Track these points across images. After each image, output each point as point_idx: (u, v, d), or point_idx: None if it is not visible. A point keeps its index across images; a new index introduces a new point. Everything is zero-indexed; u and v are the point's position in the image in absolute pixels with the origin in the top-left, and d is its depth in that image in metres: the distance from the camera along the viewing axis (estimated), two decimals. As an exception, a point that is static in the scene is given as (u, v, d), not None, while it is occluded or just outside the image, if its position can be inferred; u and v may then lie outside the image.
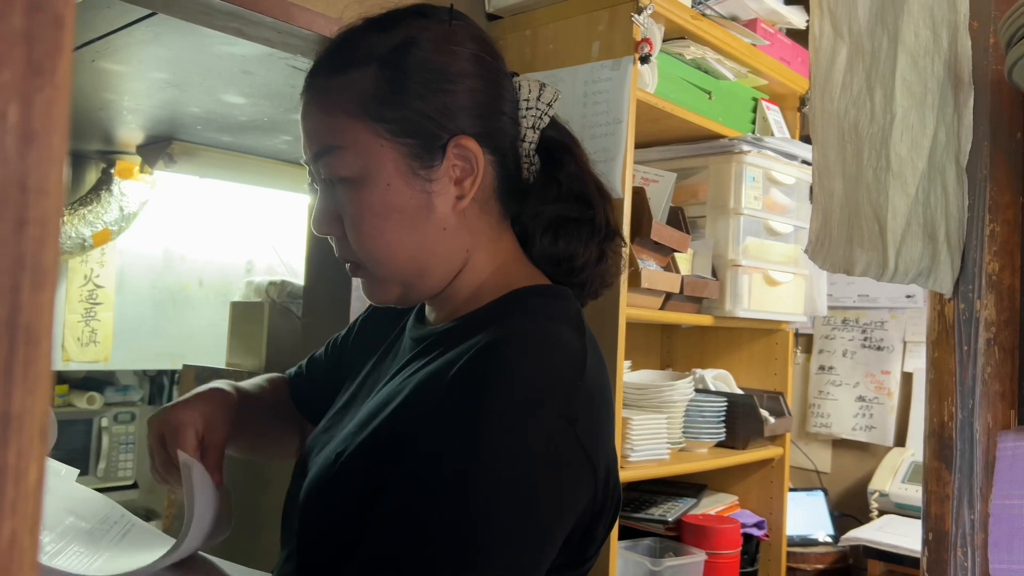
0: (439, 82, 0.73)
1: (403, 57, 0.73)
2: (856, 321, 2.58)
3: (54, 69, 0.25)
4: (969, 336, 1.10)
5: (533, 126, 0.78)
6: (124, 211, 2.99)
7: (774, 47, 2.02)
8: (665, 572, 1.75)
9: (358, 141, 0.72)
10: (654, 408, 1.82)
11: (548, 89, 0.80)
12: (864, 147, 0.95)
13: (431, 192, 0.73)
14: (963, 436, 1.11)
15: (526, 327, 0.69)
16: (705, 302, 1.92)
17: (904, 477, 2.30)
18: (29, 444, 0.25)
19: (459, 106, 0.74)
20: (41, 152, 0.25)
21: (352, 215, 0.74)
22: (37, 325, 0.25)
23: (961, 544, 1.09)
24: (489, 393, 0.63)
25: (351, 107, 0.73)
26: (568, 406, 0.65)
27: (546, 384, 0.65)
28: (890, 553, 2.05)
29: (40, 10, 0.25)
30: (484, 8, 1.87)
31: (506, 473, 0.61)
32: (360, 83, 0.73)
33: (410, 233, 0.73)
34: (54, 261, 0.25)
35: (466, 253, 0.77)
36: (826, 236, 0.97)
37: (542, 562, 0.65)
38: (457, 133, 0.73)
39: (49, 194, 0.25)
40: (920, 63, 1.03)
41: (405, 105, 0.72)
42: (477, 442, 0.61)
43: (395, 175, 0.72)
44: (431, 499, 0.61)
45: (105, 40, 1.73)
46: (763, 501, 2.15)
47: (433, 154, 0.73)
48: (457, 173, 0.74)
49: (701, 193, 1.97)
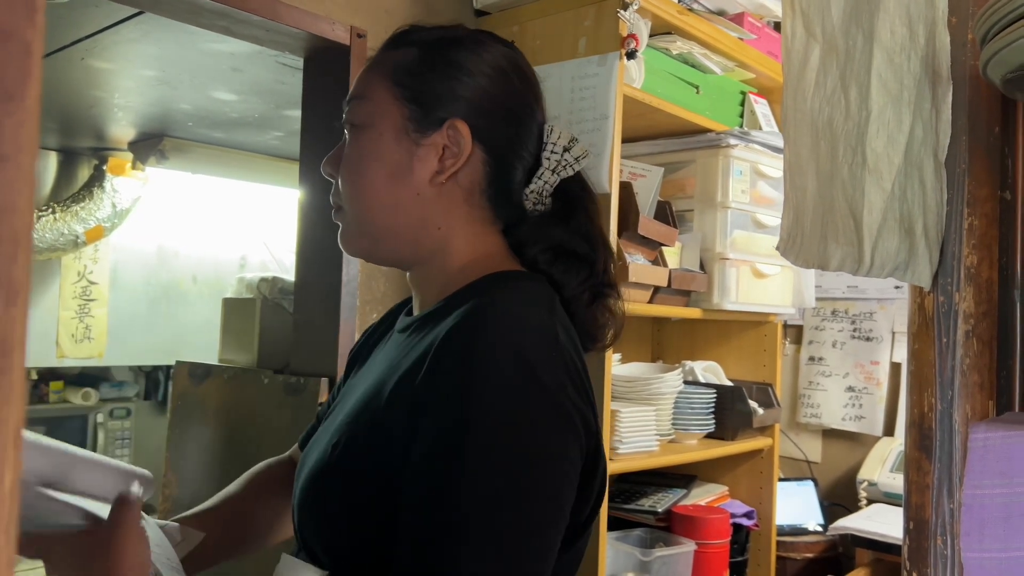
0: (460, 74, 0.83)
1: (439, 47, 0.85)
2: (845, 312, 2.60)
3: (23, 95, 0.27)
4: (948, 328, 1.12)
5: (554, 170, 0.86)
6: (117, 207, 3.00)
7: (761, 41, 2.03)
8: (655, 562, 1.77)
9: (376, 96, 0.84)
10: (643, 400, 1.84)
11: (579, 146, 0.88)
12: (839, 144, 0.97)
13: (414, 155, 0.82)
14: (943, 426, 1.13)
15: (501, 300, 0.74)
16: (693, 295, 1.94)
17: (892, 466, 2.32)
18: (3, 451, 0.26)
19: (468, 98, 0.83)
20: (11, 173, 0.26)
21: (347, 156, 0.84)
22: (9, 338, 0.26)
23: (941, 532, 1.11)
24: (478, 364, 0.67)
25: (385, 71, 0.85)
26: (549, 371, 0.70)
27: (526, 351, 0.69)
28: (877, 541, 2.08)
29: (9, 39, 0.27)
30: (472, 4, 1.88)
31: (516, 436, 0.67)
32: (400, 57, 0.85)
33: (386, 184, 0.82)
34: (25, 277, 0.27)
35: (438, 231, 0.83)
36: (798, 232, 0.98)
37: (565, 509, 0.70)
38: (457, 117, 0.82)
39: (20, 213, 0.27)
40: (896, 60, 1.04)
41: (423, 79, 0.83)
42: (482, 413, 0.66)
43: (389, 128, 0.82)
44: (458, 479, 0.65)
45: (94, 39, 1.73)
46: (753, 491, 2.17)
47: (429, 124, 0.82)
48: (442, 151, 0.82)
49: (689, 187, 1.98)
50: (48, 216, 2.83)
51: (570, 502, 0.71)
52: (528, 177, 0.87)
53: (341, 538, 0.74)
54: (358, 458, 0.74)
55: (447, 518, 0.64)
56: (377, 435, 0.74)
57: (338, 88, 1.63)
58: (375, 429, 0.74)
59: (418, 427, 0.69)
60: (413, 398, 0.70)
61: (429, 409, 0.68)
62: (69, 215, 2.89)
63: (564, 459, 0.70)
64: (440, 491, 0.65)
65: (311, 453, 0.83)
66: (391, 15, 1.74)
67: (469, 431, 0.65)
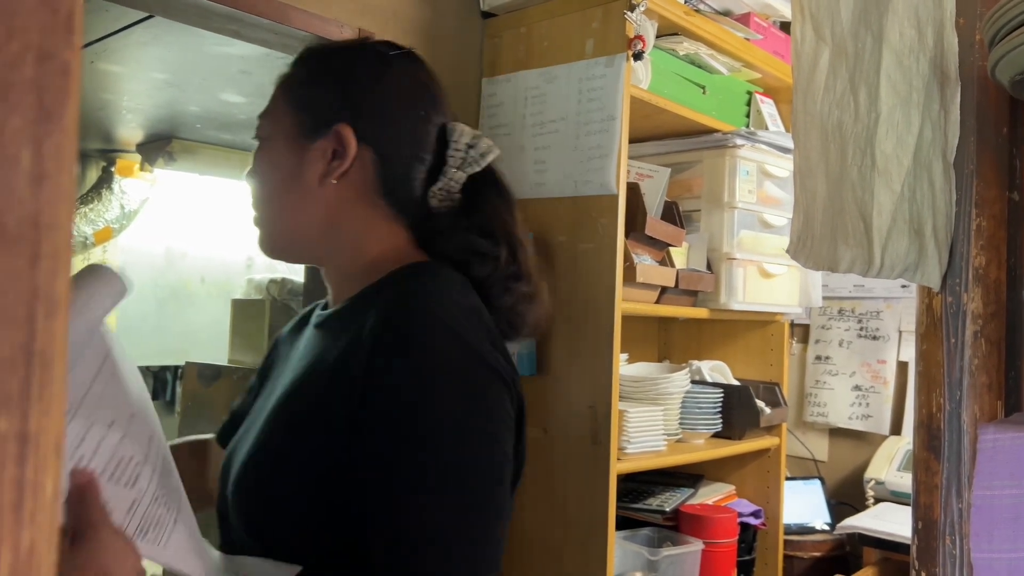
0: (345, 82, 0.90)
1: (327, 59, 0.93)
2: (852, 311, 2.61)
3: (62, 114, 0.28)
4: (956, 329, 1.12)
5: (459, 167, 0.92)
6: (125, 209, 3.01)
7: (767, 41, 2.04)
8: (663, 562, 1.78)
9: (275, 110, 0.92)
10: (651, 400, 1.85)
11: (484, 141, 0.94)
12: (848, 146, 0.97)
13: (303, 160, 0.89)
14: (951, 427, 1.13)
15: (421, 286, 0.82)
16: (700, 295, 1.95)
17: (900, 465, 2.32)
18: (45, 460, 0.27)
19: (353, 104, 0.89)
20: (52, 191, 0.27)
21: (251, 168, 0.93)
22: (50, 350, 0.27)
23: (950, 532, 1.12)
24: (417, 349, 0.76)
25: (283, 87, 0.93)
26: (475, 337, 0.78)
27: (454, 324, 0.78)
28: (885, 540, 2.08)
29: (49, 59, 0.27)
30: (479, 6, 1.88)
31: (465, 404, 0.76)
32: (295, 72, 0.94)
33: (281, 189, 0.90)
34: (65, 291, 0.27)
35: (339, 228, 0.89)
36: (808, 235, 0.99)
37: (509, 454, 0.80)
38: (342, 122, 0.88)
39: (60, 229, 0.27)
40: (905, 62, 1.04)
41: (310, 89, 0.91)
42: (431, 392, 0.75)
43: (282, 138, 0.90)
44: (424, 449, 0.73)
45: (104, 42, 1.74)
46: (760, 490, 2.17)
47: (316, 131, 0.89)
48: (330, 155, 0.88)
49: (696, 187, 1.99)
50: (57, 218, 2.85)
51: (511, 447, 0.80)
52: (434, 175, 0.92)
53: (284, 518, 0.79)
54: (295, 443, 0.80)
55: (420, 486, 0.72)
56: (315, 420, 0.79)
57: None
58: (313, 414, 0.80)
59: (368, 413, 0.75)
60: (355, 387, 0.76)
61: (380, 397, 0.75)
62: (78, 216, 2.90)
63: (503, 411, 0.79)
64: (409, 471, 0.73)
65: (242, 444, 0.87)
66: (398, 17, 1.75)
67: (425, 411, 0.74)
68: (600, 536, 1.63)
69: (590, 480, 1.65)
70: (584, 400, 1.67)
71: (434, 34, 1.82)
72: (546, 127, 1.75)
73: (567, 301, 1.71)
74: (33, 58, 0.27)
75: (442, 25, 1.83)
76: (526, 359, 1.74)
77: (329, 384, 0.80)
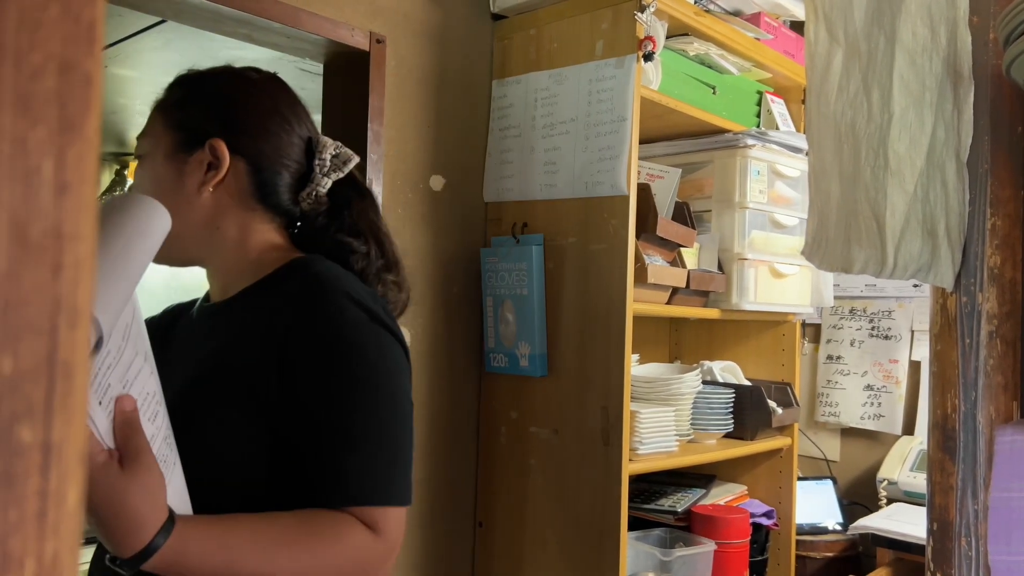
0: (216, 102, 1.00)
1: (199, 82, 1.02)
2: (864, 310, 2.59)
3: (84, 124, 0.28)
4: (971, 329, 1.11)
5: (325, 174, 1.03)
6: (137, 211, 3.03)
7: (778, 40, 2.03)
8: (675, 562, 1.77)
9: (153, 130, 1.01)
10: (662, 401, 1.84)
11: (345, 152, 1.05)
12: (862, 147, 0.97)
13: (183, 172, 0.98)
14: (966, 428, 1.13)
15: (323, 271, 0.94)
16: (712, 295, 1.94)
17: (913, 465, 2.31)
18: (68, 470, 0.27)
19: (224, 121, 0.99)
20: (74, 201, 0.27)
21: (134, 182, 1.03)
22: (73, 361, 0.27)
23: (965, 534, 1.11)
24: (331, 316, 0.89)
25: (161, 109, 1.02)
26: (373, 303, 0.92)
27: (358, 296, 0.91)
28: (898, 541, 2.07)
29: (71, 70, 0.27)
30: (489, 8, 1.88)
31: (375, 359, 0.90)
32: (171, 95, 1.03)
33: (162, 199, 0.93)
34: (87, 302, 0.28)
35: (218, 230, 0.99)
36: (823, 236, 0.98)
37: (409, 398, 0.94)
38: (215, 137, 0.98)
39: (82, 239, 0.27)
40: (918, 61, 1.04)
41: (185, 109, 1.00)
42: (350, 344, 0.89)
43: (161, 153, 0.99)
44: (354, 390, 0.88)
45: (117, 47, 1.75)
46: (772, 491, 2.17)
47: (192, 145, 0.98)
48: (206, 165, 0.98)
49: (707, 187, 1.98)
50: (70, 221, 2.87)
51: (409, 394, 0.94)
52: (303, 182, 1.03)
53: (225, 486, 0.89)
54: (224, 415, 0.90)
55: (349, 429, 0.87)
56: (238, 393, 0.90)
57: (358, 93, 1.65)
58: (235, 389, 0.90)
59: (295, 374, 0.88)
60: (281, 354, 0.88)
61: (305, 359, 0.88)
62: (90, 219, 2.92)
63: (401, 362, 0.94)
64: (336, 414, 0.86)
65: None
66: (409, 20, 1.75)
67: (343, 364, 0.88)
68: (612, 537, 1.63)
69: (602, 481, 1.65)
70: (595, 401, 1.67)
71: (444, 36, 1.82)
72: (556, 128, 1.75)
73: (578, 302, 1.71)
74: (55, 68, 0.27)
75: (452, 27, 1.83)
76: (537, 360, 1.74)
77: (248, 361, 0.90)
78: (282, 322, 0.90)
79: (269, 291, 0.95)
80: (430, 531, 1.81)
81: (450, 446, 1.85)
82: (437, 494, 1.82)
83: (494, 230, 1.88)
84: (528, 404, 1.79)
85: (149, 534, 0.74)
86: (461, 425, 1.87)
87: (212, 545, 0.79)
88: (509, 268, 1.77)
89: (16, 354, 0.26)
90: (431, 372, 1.79)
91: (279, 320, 0.90)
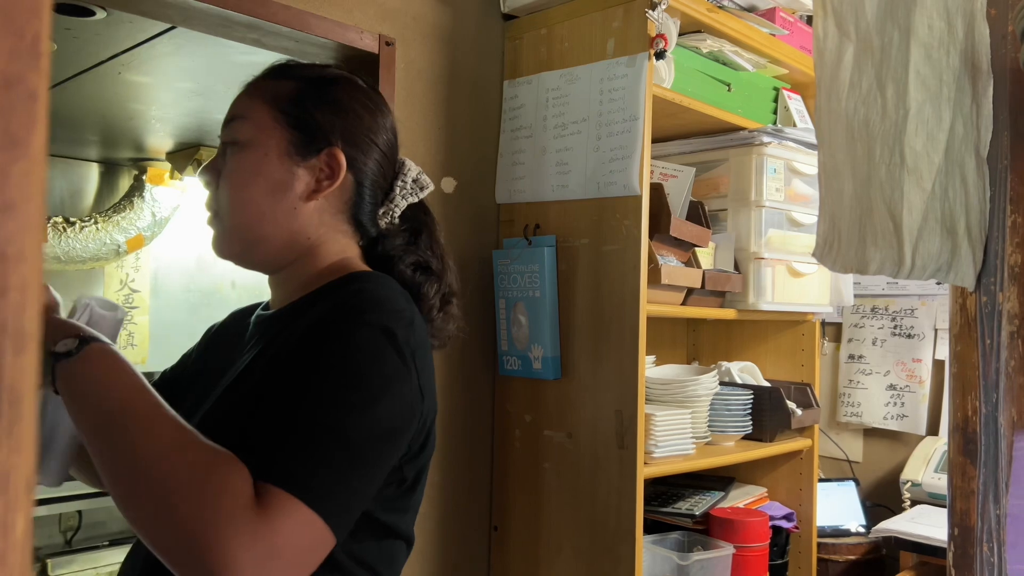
0: (338, 109, 0.97)
1: (319, 83, 0.98)
2: (885, 309, 2.55)
3: (29, 141, 0.27)
4: (992, 329, 1.08)
5: (404, 196, 1.03)
6: (156, 216, 3.05)
7: (794, 36, 2.00)
8: (693, 566, 1.75)
9: (259, 118, 0.95)
10: (678, 403, 1.82)
11: (424, 178, 1.06)
12: (876, 145, 0.94)
13: (294, 175, 0.94)
14: (987, 431, 1.10)
15: (368, 289, 0.90)
16: (728, 296, 1.91)
17: (937, 466, 2.27)
18: (16, 499, 0.26)
19: (344, 131, 0.96)
20: (19, 221, 0.26)
21: (231, 170, 0.95)
22: (20, 387, 0.26)
23: (987, 539, 1.08)
24: (351, 335, 0.83)
25: (266, 97, 0.96)
26: (408, 343, 0.85)
27: (390, 326, 0.84)
28: (922, 544, 2.03)
29: (15, 85, 0.27)
30: (500, 8, 1.87)
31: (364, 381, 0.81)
32: (281, 87, 0.97)
33: (265, 197, 0.94)
34: (35, 325, 0.27)
35: (308, 241, 0.96)
36: (835, 237, 0.96)
37: (398, 444, 0.85)
38: (335, 146, 0.95)
39: (28, 261, 0.27)
40: (934, 55, 1.01)
41: (304, 109, 0.95)
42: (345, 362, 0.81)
43: (274, 149, 0.94)
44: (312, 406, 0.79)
45: (129, 53, 1.76)
46: (792, 493, 2.14)
47: (309, 149, 0.94)
48: (319, 173, 0.95)
49: (722, 186, 1.96)
50: (91, 227, 2.89)
51: (402, 445, 0.85)
52: (380, 200, 1.02)
53: None
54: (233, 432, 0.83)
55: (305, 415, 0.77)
56: (255, 390, 0.86)
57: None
58: (255, 385, 0.86)
59: (285, 359, 0.83)
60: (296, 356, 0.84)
61: (300, 346, 0.83)
62: (111, 225, 2.94)
63: (404, 406, 0.84)
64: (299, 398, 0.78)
65: (195, 418, 0.91)
66: (419, 21, 1.74)
67: (332, 360, 0.80)
68: (628, 541, 1.61)
69: (617, 485, 1.63)
70: (610, 404, 1.65)
71: (455, 37, 1.81)
72: (568, 128, 1.73)
73: (591, 304, 1.69)
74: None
75: (463, 28, 1.82)
76: (550, 362, 1.73)
77: (279, 364, 0.86)
78: (306, 324, 0.87)
79: (314, 301, 0.92)
80: (445, 535, 1.81)
81: (465, 450, 1.84)
82: (452, 498, 1.81)
83: (506, 232, 1.87)
84: (542, 407, 1.78)
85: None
86: (475, 429, 1.86)
87: (135, 375, 0.79)
88: (521, 270, 1.76)
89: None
90: (444, 375, 1.78)
91: (306, 323, 0.87)
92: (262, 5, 1.45)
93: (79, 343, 0.79)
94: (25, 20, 0.27)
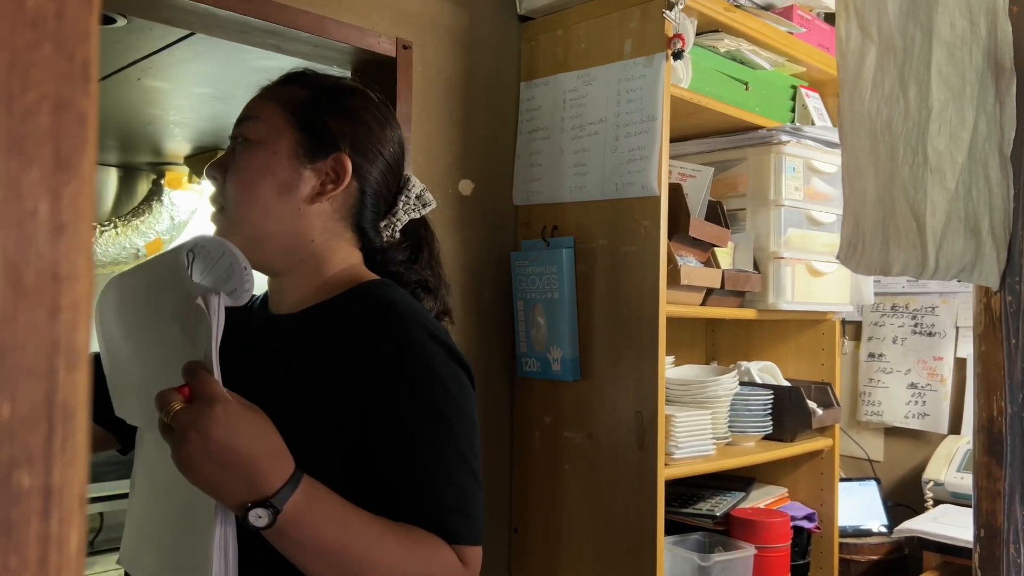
0: (348, 117, 1.00)
1: (332, 91, 1.02)
2: (906, 307, 2.53)
3: (79, 163, 0.27)
4: (1017, 329, 1.07)
5: (406, 211, 1.06)
6: (175, 220, 3.08)
7: (812, 34, 1.99)
8: (714, 567, 1.75)
9: (271, 119, 0.98)
10: (698, 403, 1.82)
11: (427, 196, 1.09)
12: (899, 145, 0.94)
13: (301, 176, 0.97)
14: (1013, 431, 1.09)
15: (399, 298, 0.95)
16: (748, 296, 1.91)
17: (960, 466, 2.25)
18: (70, 514, 0.27)
19: (353, 139, 0.99)
20: (71, 242, 0.27)
21: (239, 166, 0.97)
22: (73, 403, 0.27)
23: (1014, 540, 1.07)
24: (416, 347, 0.90)
25: (280, 100, 1.00)
26: (448, 340, 0.94)
27: (434, 330, 0.93)
28: (945, 544, 2.02)
29: (66, 109, 0.27)
30: (516, 10, 1.87)
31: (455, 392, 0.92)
32: (296, 93, 1.01)
33: (272, 196, 0.96)
34: (86, 342, 0.27)
35: (311, 243, 0.98)
36: (859, 239, 0.95)
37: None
38: (343, 152, 0.98)
39: (79, 280, 0.27)
40: (957, 54, 1.00)
41: (316, 114, 0.98)
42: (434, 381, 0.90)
43: (283, 150, 0.97)
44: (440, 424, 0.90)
45: (149, 59, 1.78)
46: (813, 493, 2.13)
47: (317, 153, 0.97)
48: (325, 176, 0.98)
49: (741, 185, 1.95)
50: (111, 231, 2.92)
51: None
52: (383, 212, 1.05)
53: None
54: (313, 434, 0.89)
55: (441, 463, 0.89)
56: (310, 404, 0.90)
57: (385, 99, 1.65)
58: (306, 399, 0.90)
59: (380, 399, 0.88)
60: (366, 385, 0.88)
61: (390, 389, 0.88)
62: (130, 229, 2.97)
63: (473, 397, 0.96)
64: (428, 448, 0.88)
65: None
66: (435, 24, 1.75)
67: (432, 399, 0.89)
68: (648, 542, 1.61)
69: (637, 486, 1.63)
70: (629, 405, 1.65)
71: (471, 40, 1.81)
72: (585, 129, 1.73)
73: (609, 305, 1.69)
74: (49, 107, 0.27)
75: (479, 30, 1.83)
76: (569, 364, 1.73)
77: (322, 383, 0.90)
78: (364, 351, 0.90)
79: (342, 312, 0.95)
80: (466, 536, 1.81)
81: (484, 452, 1.84)
82: (472, 499, 1.82)
83: (524, 233, 1.87)
84: (561, 409, 1.78)
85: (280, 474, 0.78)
86: (495, 430, 1.87)
87: (334, 512, 0.80)
88: (540, 271, 1.76)
89: (13, 400, 0.26)
90: (464, 377, 1.79)
91: (359, 349, 0.90)
92: (282, 11, 1.46)
93: (272, 515, 0.77)
94: (75, 45, 0.27)
